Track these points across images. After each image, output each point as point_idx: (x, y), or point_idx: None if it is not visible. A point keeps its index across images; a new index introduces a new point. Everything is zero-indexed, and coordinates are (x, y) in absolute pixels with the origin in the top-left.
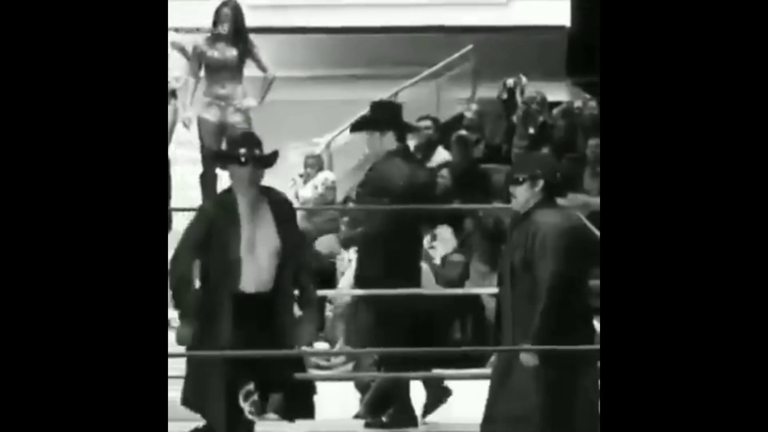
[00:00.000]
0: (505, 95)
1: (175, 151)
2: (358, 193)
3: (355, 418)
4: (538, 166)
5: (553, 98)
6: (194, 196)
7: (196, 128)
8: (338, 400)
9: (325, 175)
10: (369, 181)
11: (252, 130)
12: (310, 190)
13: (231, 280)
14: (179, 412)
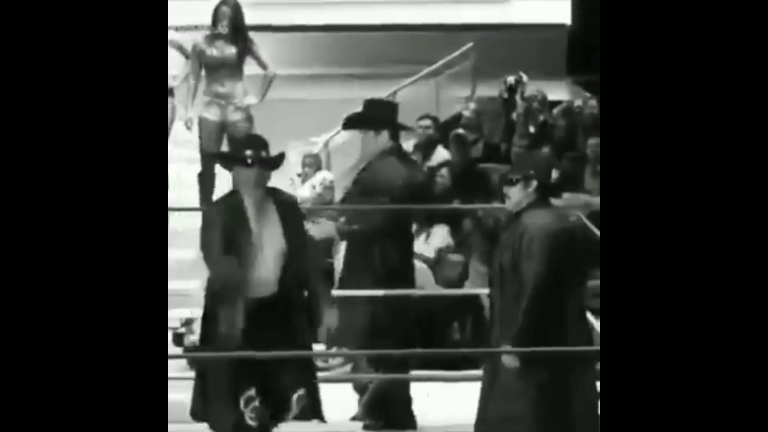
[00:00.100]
0: (506, 94)
1: (171, 150)
2: (349, 192)
3: (353, 419)
4: (532, 167)
5: (554, 97)
6: (190, 195)
7: (197, 128)
8: (336, 402)
9: (323, 175)
10: (363, 180)
11: (253, 128)
12: (308, 190)
13: (241, 284)
14: (179, 413)
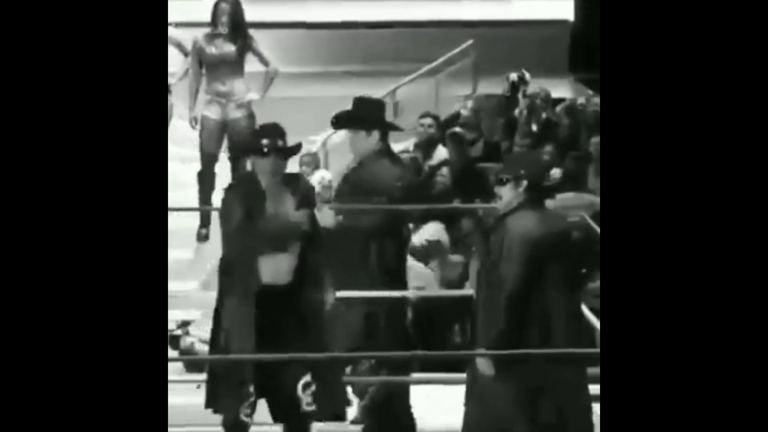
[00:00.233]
0: (509, 92)
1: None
2: (339, 190)
3: (353, 423)
4: (523, 167)
5: (556, 95)
6: (187, 195)
7: (198, 126)
8: None
9: (321, 174)
10: (354, 179)
11: (255, 125)
12: None
13: (254, 271)
14: (177, 417)
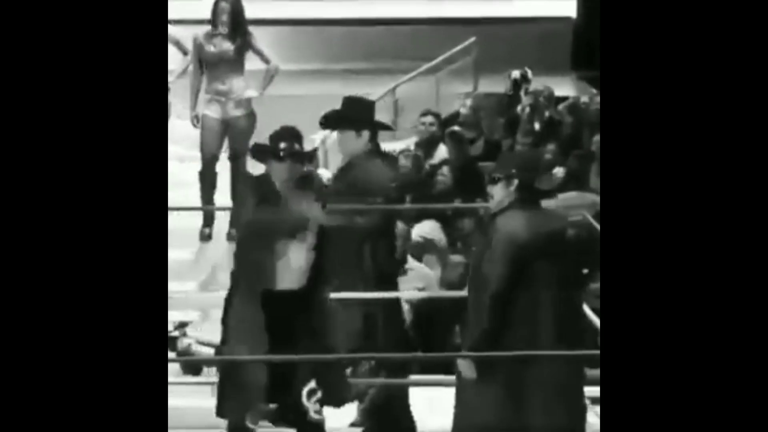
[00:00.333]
0: (511, 91)
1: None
2: (329, 188)
3: (352, 425)
4: (515, 166)
5: (558, 93)
6: (186, 194)
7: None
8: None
9: (321, 172)
10: (349, 180)
11: (256, 123)
12: None
13: (268, 275)
14: (177, 419)
